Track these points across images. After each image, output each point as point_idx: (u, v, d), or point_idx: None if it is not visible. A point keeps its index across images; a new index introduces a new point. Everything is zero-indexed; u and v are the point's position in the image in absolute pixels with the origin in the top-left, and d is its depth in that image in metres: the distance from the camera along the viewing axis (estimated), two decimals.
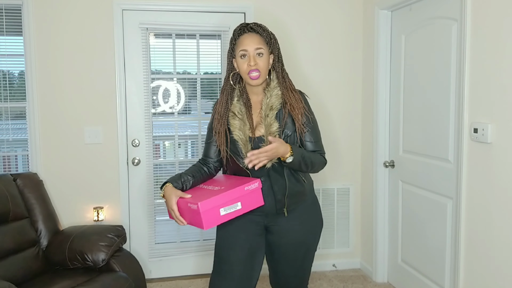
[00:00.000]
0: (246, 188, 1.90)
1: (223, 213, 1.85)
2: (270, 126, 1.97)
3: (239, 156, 2.01)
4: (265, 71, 1.99)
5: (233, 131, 2.01)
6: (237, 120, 2.02)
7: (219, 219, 1.85)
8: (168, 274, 3.64)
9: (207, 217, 1.81)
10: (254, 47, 1.96)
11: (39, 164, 3.30)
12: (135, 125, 3.47)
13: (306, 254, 2.14)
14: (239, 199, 1.88)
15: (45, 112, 3.30)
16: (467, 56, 2.51)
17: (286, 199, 2.03)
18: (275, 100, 2.00)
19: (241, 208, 1.90)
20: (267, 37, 2.01)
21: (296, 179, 2.05)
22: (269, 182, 2.02)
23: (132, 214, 3.53)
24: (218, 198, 1.83)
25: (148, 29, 3.43)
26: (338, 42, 3.70)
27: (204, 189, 2.00)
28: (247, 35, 2.00)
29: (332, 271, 3.82)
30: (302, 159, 1.94)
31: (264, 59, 1.98)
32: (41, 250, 2.85)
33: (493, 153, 2.36)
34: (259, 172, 2.00)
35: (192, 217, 1.88)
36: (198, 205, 1.78)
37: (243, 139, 1.99)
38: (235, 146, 2.01)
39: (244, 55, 1.97)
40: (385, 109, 3.47)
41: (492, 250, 2.39)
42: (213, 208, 1.82)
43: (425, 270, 3.07)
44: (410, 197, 3.21)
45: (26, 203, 2.92)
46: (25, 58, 3.23)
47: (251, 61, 1.95)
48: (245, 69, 1.97)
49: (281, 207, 2.04)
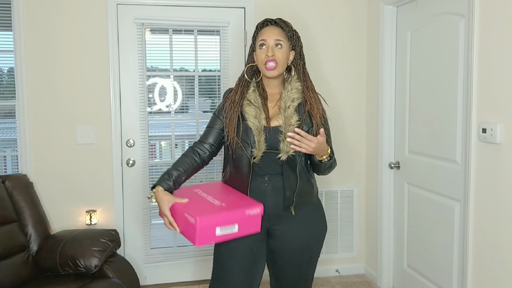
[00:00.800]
0: (247, 212, 1.84)
1: (218, 233, 1.78)
2: (290, 118, 1.96)
3: (248, 144, 1.97)
4: (282, 63, 1.99)
5: (248, 118, 1.98)
6: (253, 108, 2.00)
7: (213, 238, 1.78)
8: (164, 281, 3.58)
9: (202, 234, 1.74)
10: (273, 38, 1.98)
11: (29, 165, 3.24)
12: (130, 124, 3.41)
13: (310, 260, 2.11)
14: (237, 222, 1.82)
15: (35, 110, 3.24)
16: (475, 53, 2.49)
17: (295, 197, 1.99)
18: (295, 93, 2.01)
19: (237, 231, 1.83)
20: (289, 32, 2.03)
21: (307, 178, 2.05)
22: (278, 179, 1.99)
23: (126, 217, 3.46)
24: (218, 217, 1.77)
25: (144, 24, 3.37)
26: (342, 39, 3.66)
27: (202, 198, 1.93)
28: (269, 27, 2.02)
29: (335, 276, 3.78)
30: (332, 163, 2.02)
31: (283, 52, 1.99)
32: (31, 255, 2.80)
33: (502, 154, 2.34)
34: (266, 165, 1.97)
35: (185, 227, 1.81)
36: (196, 220, 1.71)
37: (259, 127, 1.97)
38: (247, 135, 1.98)
39: (263, 44, 1.99)
40: (390, 108, 3.44)
41: (502, 255, 2.36)
42: (210, 226, 1.75)
43: (431, 276, 3.04)
44: (416, 199, 3.18)
45: (15, 206, 2.87)
46: (14, 54, 3.17)
47: (269, 51, 1.96)
48: (262, 58, 1.98)
49: (289, 205, 2.00)
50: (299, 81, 2.04)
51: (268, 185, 1.99)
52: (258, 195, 1.99)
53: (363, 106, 3.73)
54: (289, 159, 1.97)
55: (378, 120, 3.50)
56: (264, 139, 1.96)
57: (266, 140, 1.95)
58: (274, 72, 1.97)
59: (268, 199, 1.99)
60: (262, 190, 1.99)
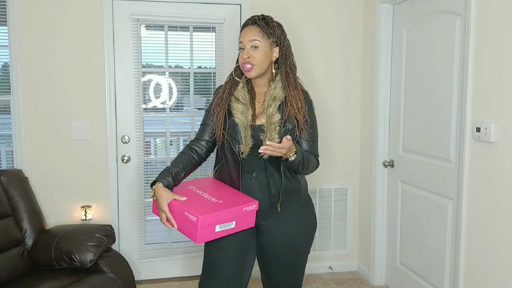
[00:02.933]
0: (244, 208, 1.88)
1: (217, 229, 1.83)
2: (271, 117, 1.96)
3: (236, 140, 1.99)
4: (260, 63, 1.97)
5: (235, 114, 2.00)
6: (240, 104, 2.01)
7: (212, 235, 1.83)
8: (159, 276, 3.57)
9: (203, 232, 1.78)
10: (248, 39, 1.96)
11: (24, 160, 3.22)
12: (125, 120, 3.39)
13: (299, 255, 2.12)
14: (235, 218, 1.87)
15: (30, 105, 3.22)
16: (471, 52, 2.49)
17: (280, 194, 2.00)
18: (279, 92, 2.00)
19: (235, 227, 1.89)
20: (268, 29, 1.99)
21: (292, 176, 2.04)
22: (264, 176, 2.00)
23: (121, 213, 3.45)
24: (218, 215, 1.80)
25: (139, 20, 3.34)
26: (337, 36, 3.64)
27: (198, 195, 1.95)
28: (246, 28, 2.00)
29: (328, 273, 3.78)
30: (301, 160, 1.92)
31: (260, 52, 1.96)
32: (26, 250, 2.80)
33: (496, 153, 2.34)
34: (252, 161, 1.99)
35: (185, 225, 1.83)
36: (198, 219, 1.74)
37: (245, 123, 1.98)
38: (234, 130, 2.00)
39: (241, 48, 1.99)
40: (385, 107, 3.43)
41: (494, 253, 2.37)
42: (211, 224, 1.79)
43: (424, 273, 3.04)
44: (410, 198, 3.18)
45: (10, 201, 2.86)
46: (9, 49, 3.14)
47: (244, 54, 1.97)
48: (241, 61, 1.99)
49: (275, 202, 2.01)
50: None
51: (255, 181, 2.01)
52: (247, 191, 2.01)
53: (358, 104, 3.72)
54: (272, 158, 1.97)
55: (373, 119, 3.49)
56: (251, 135, 1.97)
57: (252, 136, 1.97)
58: (251, 73, 1.97)
59: (256, 195, 2.00)
60: (250, 186, 2.01)
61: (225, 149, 2.04)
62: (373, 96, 3.49)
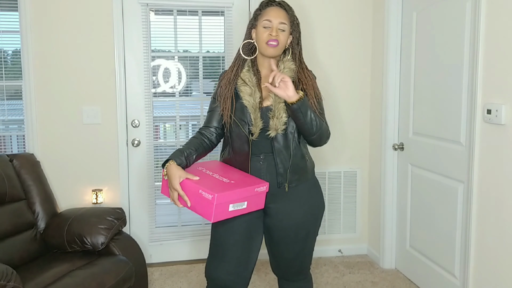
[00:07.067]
0: (256, 189, 1.89)
1: (231, 209, 1.84)
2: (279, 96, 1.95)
3: (246, 122, 1.99)
4: (282, 46, 2.01)
5: (243, 97, 2.01)
6: (247, 87, 2.02)
7: (226, 214, 1.83)
8: (169, 259, 3.61)
9: (218, 210, 1.78)
10: (279, 21, 1.98)
11: (36, 145, 3.25)
12: (135, 105, 3.41)
13: (307, 237, 2.11)
14: (247, 199, 1.87)
15: (41, 90, 3.24)
16: (481, 34, 2.46)
17: (288, 174, 2.01)
18: (288, 72, 2.02)
19: (246, 207, 1.89)
20: (291, 17, 2.04)
21: (301, 155, 2.04)
22: (272, 157, 2.01)
23: (131, 196, 3.48)
24: (232, 194, 1.81)
25: (148, 5, 3.34)
26: (346, 19, 3.61)
27: (211, 176, 1.95)
28: (274, 7, 2.02)
29: (338, 256, 3.78)
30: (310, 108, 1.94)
31: (285, 35, 2.01)
32: (38, 232, 2.81)
33: (506, 135, 2.31)
34: (260, 144, 1.99)
35: (198, 204, 1.83)
36: (214, 197, 1.75)
37: (254, 105, 1.99)
38: (243, 113, 2.00)
39: (267, 25, 1.99)
40: (395, 90, 3.40)
41: (504, 236, 2.35)
42: (225, 203, 1.80)
43: (434, 256, 3.03)
44: (420, 181, 3.16)
45: (23, 185, 2.88)
46: (20, 35, 3.16)
47: (273, 32, 1.97)
48: (265, 37, 1.98)
49: (283, 182, 2.01)
50: (293, 62, 2.05)
51: (263, 163, 2.01)
52: (255, 173, 2.01)
53: (368, 87, 3.70)
54: (280, 136, 1.98)
55: (382, 102, 3.47)
56: (260, 117, 1.98)
57: (261, 117, 1.98)
58: (275, 51, 1.98)
59: (264, 177, 2.00)
60: (258, 168, 2.01)
61: (233, 133, 2.04)
62: (382, 79, 3.46)
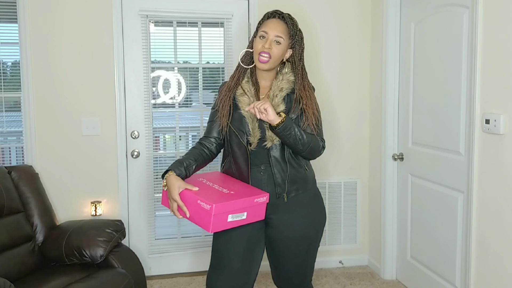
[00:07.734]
0: (256, 200, 1.89)
1: (230, 219, 1.84)
2: (277, 107, 1.98)
3: (244, 133, 2.00)
4: (276, 59, 2.00)
5: (242, 107, 2.02)
6: (246, 97, 2.03)
7: (225, 225, 1.84)
8: (169, 271, 3.58)
9: (216, 221, 1.79)
10: (275, 33, 1.98)
11: (35, 156, 3.23)
12: (135, 116, 3.40)
13: (308, 249, 2.11)
14: (246, 209, 1.87)
15: (40, 102, 3.23)
16: (479, 44, 2.48)
17: (287, 184, 2.01)
18: (285, 84, 2.03)
19: (246, 218, 1.89)
20: (292, 30, 2.03)
21: (297, 164, 2.04)
22: (269, 166, 2.01)
23: (131, 208, 3.46)
24: (231, 204, 1.81)
25: (148, 16, 3.36)
26: (345, 30, 3.63)
27: (210, 187, 1.95)
28: (274, 20, 2.02)
29: (338, 268, 3.77)
30: (294, 129, 1.91)
31: (280, 49, 2.00)
32: (36, 245, 2.80)
33: (505, 145, 2.32)
34: (260, 154, 2.00)
35: (197, 214, 1.83)
36: (212, 207, 1.75)
37: (252, 115, 2.00)
38: (241, 123, 2.01)
39: (263, 36, 2.00)
40: (394, 100, 3.42)
41: (505, 246, 2.35)
42: (224, 213, 1.80)
43: (435, 267, 3.03)
44: (420, 191, 3.16)
45: (21, 197, 2.87)
46: (20, 47, 3.16)
47: (266, 44, 1.97)
48: (258, 48, 1.99)
49: (281, 192, 2.01)
50: (291, 74, 2.05)
51: (264, 174, 2.01)
52: (256, 184, 2.01)
53: (367, 97, 3.71)
54: (277, 147, 1.99)
55: (382, 112, 3.48)
56: (258, 127, 1.99)
57: (259, 128, 1.99)
58: (265, 65, 1.99)
59: (265, 188, 2.00)
60: (259, 179, 2.01)
61: (233, 143, 2.05)
62: (381, 89, 3.48)
